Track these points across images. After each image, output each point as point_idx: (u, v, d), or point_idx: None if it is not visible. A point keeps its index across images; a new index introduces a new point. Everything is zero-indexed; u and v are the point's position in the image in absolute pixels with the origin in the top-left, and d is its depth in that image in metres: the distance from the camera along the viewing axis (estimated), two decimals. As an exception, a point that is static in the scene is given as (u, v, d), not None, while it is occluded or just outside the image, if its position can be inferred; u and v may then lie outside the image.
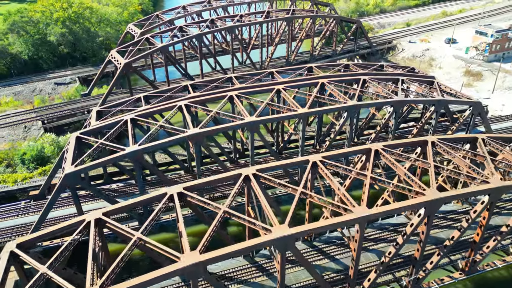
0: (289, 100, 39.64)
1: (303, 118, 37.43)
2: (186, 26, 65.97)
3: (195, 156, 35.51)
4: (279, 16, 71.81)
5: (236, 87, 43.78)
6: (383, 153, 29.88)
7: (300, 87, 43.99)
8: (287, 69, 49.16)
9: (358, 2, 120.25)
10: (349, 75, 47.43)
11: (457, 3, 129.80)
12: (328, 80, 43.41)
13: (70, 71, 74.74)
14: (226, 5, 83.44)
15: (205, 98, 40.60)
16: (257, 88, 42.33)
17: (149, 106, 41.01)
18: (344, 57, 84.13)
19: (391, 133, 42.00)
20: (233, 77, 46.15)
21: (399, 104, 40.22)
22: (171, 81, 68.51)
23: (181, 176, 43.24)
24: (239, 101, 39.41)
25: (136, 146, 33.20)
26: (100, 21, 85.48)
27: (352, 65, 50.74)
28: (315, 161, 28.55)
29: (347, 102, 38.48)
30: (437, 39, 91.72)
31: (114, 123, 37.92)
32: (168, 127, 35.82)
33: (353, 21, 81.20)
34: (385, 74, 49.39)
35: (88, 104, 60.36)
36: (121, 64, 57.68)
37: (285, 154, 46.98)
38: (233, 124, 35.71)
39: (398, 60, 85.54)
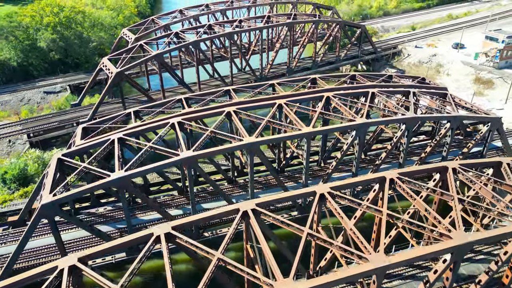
0: (292, 116, 36.25)
1: (308, 138, 33.99)
2: (182, 32, 62.56)
3: (188, 181, 32.05)
4: (280, 21, 68.44)
5: (234, 102, 40.37)
6: (399, 182, 26.47)
7: (303, 102, 40.55)
8: (289, 81, 45.74)
9: (361, 5, 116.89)
10: (356, 87, 44.01)
11: (462, 6, 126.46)
12: (333, 93, 39.99)
13: (61, 78, 71.30)
14: (225, 9, 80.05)
15: (201, 115, 37.17)
16: (257, 103, 38.88)
17: (139, 123, 37.59)
18: (347, 63, 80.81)
19: (402, 151, 38.58)
20: (231, 90, 42.73)
21: (413, 121, 36.80)
22: (167, 90, 65.16)
23: (174, 198, 39.81)
24: (237, 118, 36.01)
25: (122, 172, 29.78)
26: (93, 25, 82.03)
27: (359, 76, 47.32)
28: (323, 193, 25.15)
29: (355, 120, 35.04)
30: (444, 44, 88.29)
31: (100, 143, 34.56)
32: (159, 148, 32.40)
33: (357, 26, 77.82)
34: (395, 86, 46.02)
35: (78, 115, 56.91)
36: (112, 73, 54.30)
37: (287, 172, 43.61)
38: (231, 146, 32.30)
39: (404, 66, 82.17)
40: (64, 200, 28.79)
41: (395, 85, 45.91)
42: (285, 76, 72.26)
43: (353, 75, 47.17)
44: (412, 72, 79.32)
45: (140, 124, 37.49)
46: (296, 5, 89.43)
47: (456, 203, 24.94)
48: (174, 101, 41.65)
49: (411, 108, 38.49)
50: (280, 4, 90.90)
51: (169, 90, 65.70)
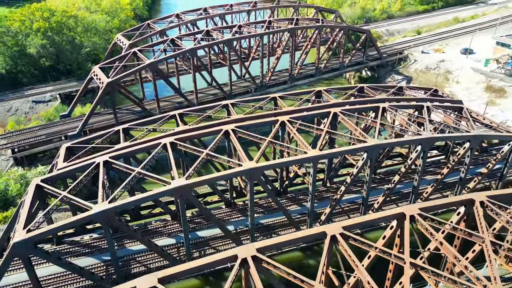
0: (296, 136, 32.86)
1: (315, 163, 30.58)
2: (178, 39, 59.14)
3: (180, 211, 28.62)
4: (281, 27, 65.02)
5: (232, 119, 36.97)
6: (421, 220, 23.12)
7: (307, 118, 37.15)
8: (292, 94, 42.32)
9: (364, 8, 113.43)
10: (365, 102, 40.62)
11: (467, 9, 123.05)
12: (341, 109, 36.60)
13: (51, 86, 67.86)
14: (224, 14, 76.61)
15: (196, 134, 33.79)
16: (257, 121, 35.46)
17: (128, 144, 34.19)
18: (352, 70, 77.46)
19: (417, 174, 35.16)
20: (229, 105, 39.30)
21: (429, 142, 33.38)
22: (162, 99, 61.85)
23: (167, 224, 36.42)
24: (235, 138, 32.61)
25: (106, 204, 26.36)
26: (86, 30, 78.58)
27: (367, 88, 43.92)
28: (334, 234, 21.78)
29: (366, 141, 31.62)
30: (452, 49, 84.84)
31: (84, 167, 31.17)
32: (148, 175, 29.00)
33: (362, 31, 74.43)
34: (406, 99, 42.65)
35: (67, 128, 53.49)
36: (103, 83, 50.92)
37: (290, 193, 40.21)
38: (229, 173, 28.86)
39: (410, 73, 78.74)
40: (39, 238, 25.37)
41: (406, 98, 42.54)
42: (286, 83, 69.00)
43: (361, 88, 43.75)
44: (419, 79, 75.95)
45: (129, 144, 34.10)
46: (298, 9, 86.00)
47: (489, 246, 21.57)
48: (167, 117, 38.24)
49: (426, 126, 35.07)
50: (282, 8, 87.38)
51: (164, 99, 62.40)
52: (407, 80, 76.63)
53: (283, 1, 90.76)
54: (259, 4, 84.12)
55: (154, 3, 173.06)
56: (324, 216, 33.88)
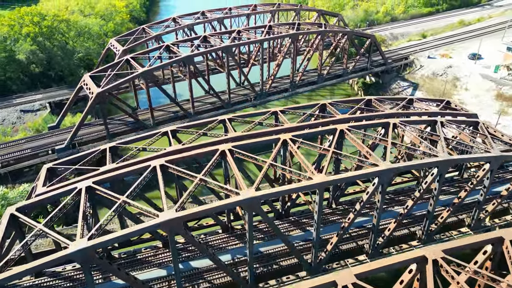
0: (299, 157, 29.76)
1: (321, 190, 27.45)
2: (174, 45, 56.00)
3: (170, 247, 25.48)
4: (282, 32, 61.90)
5: (230, 137, 33.87)
6: (444, 265, 20.03)
7: (311, 136, 34.10)
8: (294, 108, 39.16)
9: (367, 10, 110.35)
10: (373, 117, 37.54)
11: (473, 11, 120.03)
12: (348, 126, 33.47)
13: (41, 94, 64.73)
14: (222, 18, 73.45)
15: (189, 155, 30.62)
16: (257, 139, 32.32)
17: (114, 166, 31.07)
18: (356, 76, 74.37)
19: (432, 198, 32.02)
20: (226, 121, 36.18)
21: (447, 165, 30.27)
22: (157, 108, 58.73)
23: (158, 251, 33.31)
24: (233, 160, 29.50)
25: (85, 241, 23.23)
26: (79, 34, 75.47)
27: (375, 101, 40.78)
28: (347, 285, 18.68)
29: (378, 164, 28.49)
30: (459, 54, 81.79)
31: (64, 193, 28.07)
32: (134, 205, 25.85)
33: (366, 36, 71.34)
34: (418, 113, 39.53)
35: (54, 140, 50.38)
36: (93, 93, 47.84)
37: (293, 216, 37.09)
38: (225, 203, 25.70)
39: (416, 79, 75.65)
40: (8, 281, 22.26)
41: (418, 113, 39.40)
42: (287, 91, 65.91)
43: (368, 100, 40.63)
44: (426, 86, 72.84)
45: (116, 166, 30.99)
46: (299, 12, 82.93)
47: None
48: (159, 134, 35.11)
49: (442, 145, 31.89)
50: (282, 11, 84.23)
51: (159, 108, 59.31)
52: (413, 87, 73.57)
53: (284, 5, 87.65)
54: (259, 7, 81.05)
55: (152, 4, 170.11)
56: (330, 245, 30.75)
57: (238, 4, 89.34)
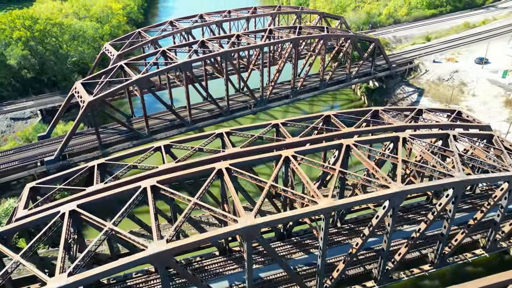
0: (303, 177, 27.35)
1: (327, 215, 25.02)
2: (170, 51, 53.58)
3: (161, 282, 23.05)
4: (283, 37, 59.47)
5: (227, 153, 31.44)
6: None
7: (315, 152, 31.75)
8: (296, 121, 36.60)
9: (370, 12, 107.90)
10: (381, 130, 35.14)
11: (477, 13, 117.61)
12: (354, 140, 31.07)
13: (33, 101, 62.31)
14: (221, 21, 71.00)
15: (183, 174, 28.19)
16: (256, 156, 29.94)
17: (102, 186, 28.64)
18: (359, 82, 71.96)
19: (447, 220, 29.60)
20: (224, 135, 33.76)
21: (463, 185, 27.83)
22: (153, 116, 56.40)
23: (149, 276, 30.87)
24: (230, 180, 27.09)
25: (64, 278, 20.82)
26: (73, 38, 73.06)
27: (382, 112, 38.34)
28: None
29: (389, 186, 26.06)
30: (465, 58, 79.38)
31: (45, 218, 25.65)
32: (121, 233, 23.43)
33: (371, 40, 68.94)
34: (428, 126, 37.10)
35: (44, 151, 47.96)
36: (84, 102, 45.46)
37: (295, 237, 34.67)
38: (221, 233, 23.24)
39: (422, 84, 73.21)
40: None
41: (428, 125, 36.96)
42: (289, 97, 63.48)
43: (375, 112, 38.13)
44: (432, 92, 70.42)
45: (103, 187, 28.54)
46: (300, 15, 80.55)
47: None
48: (152, 149, 32.66)
49: (456, 162, 29.44)
50: (283, 14, 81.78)
51: (155, 116, 56.82)
52: (419, 92, 71.15)
53: (284, 7, 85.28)
54: (259, 10, 78.60)
55: (150, 6, 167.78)
56: (336, 272, 28.33)
57: (238, 6, 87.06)
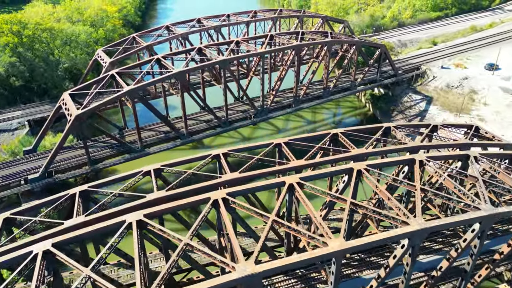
0: (310, 210, 24.11)
1: (338, 258, 21.76)
2: (165, 59, 50.38)
3: None
4: (285, 44, 56.23)
5: (224, 179, 28.13)
6: None
7: (322, 178, 28.54)
8: (301, 139, 33.31)
9: (373, 15, 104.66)
10: (395, 151, 31.89)
11: (484, 16, 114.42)
12: (366, 165, 27.80)
13: (21, 111, 59.12)
14: (220, 26, 67.77)
15: (173, 207, 24.92)
16: (257, 184, 26.64)
17: (82, 220, 25.38)
18: (364, 89, 68.76)
19: (471, 257, 26.34)
20: (221, 157, 30.46)
21: (492, 220, 24.56)
22: (147, 127, 53.25)
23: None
24: (227, 214, 23.87)
25: None
26: (65, 43, 69.83)
27: (394, 129, 35.06)
28: None
29: (409, 223, 22.79)
30: (474, 64, 76.19)
31: (17, 259, 22.40)
32: (100, 282, 20.17)
33: (376, 46, 65.71)
34: (445, 145, 33.87)
35: (29, 168, 44.77)
36: (71, 115, 42.24)
37: (299, 270, 31.37)
38: (215, 284, 19.97)
39: (430, 92, 69.97)
40: None
41: (446, 144, 33.71)
42: (291, 106, 60.26)
43: (387, 129, 34.85)
44: (441, 100, 67.17)
45: (83, 221, 25.29)
46: (302, 19, 77.34)
47: None
48: (141, 174, 29.38)
49: (481, 191, 26.18)
50: (284, 19, 78.49)
51: (149, 127, 53.63)
52: (427, 100, 67.91)
53: (285, 11, 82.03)
54: (259, 14, 75.40)
55: (149, 8, 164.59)
56: (347, 317, 25.09)
57: (238, 6, 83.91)
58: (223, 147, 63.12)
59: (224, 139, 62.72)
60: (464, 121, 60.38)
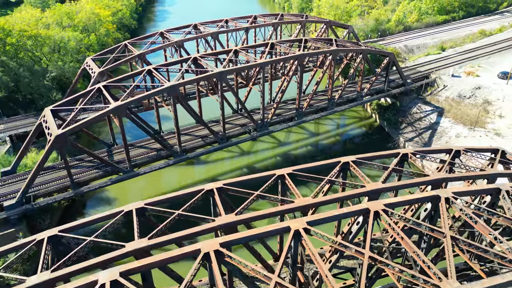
0: (319, 265, 20.09)
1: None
2: (157, 70, 46.35)
3: None
4: (287, 53, 52.12)
5: (218, 224, 23.96)
6: None
7: (333, 221, 24.44)
8: (306, 170, 29.07)
9: (378, 19, 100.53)
10: (417, 184, 27.83)
11: (492, 19, 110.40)
12: (384, 204, 23.72)
13: (3, 124, 55.04)
14: (217, 33, 63.61)
15: (155, 262, 20.80)
16: (255, 232, 22.51)
17: (47, 278, 21.21)
18: (371, 100, 64.63)
19: (510, 318, 22.21)
20: (215, 192, 26.22)
21: (540, 280, 20.45)
22: (138, 144, 49.15)
23: None
24: (218, 270, 19.81)
25: None
26: (53, 50, 65.75)
27: (412, 156, 30.91)
28: None
29: (441, 286, 18.69)
30: (486, 72, 72.07)
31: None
32: None
33: (385, 54, 61.57)
34: (472, 176, 29.73)
35: (6, 192, 40.55)
36: (51, 135, 38.18)
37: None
38: None
39: (440, 102, 65.82)
40: None
41: (473, 175, 29.58)
42: (293, 120, 56.16)
43: (404, 156, 30.71)
44: (453, 111, 62.97)
45: (49, 278, 21.14)
46: (305, 24, 73.24)
47: None
48: (122, 214, 25.19)
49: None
50: (286, 24, 74.36)
51: (139, 143, 49.49)
52: (438, 112, 63.77)
53: (287, 15, 77.87)
54: (259, 19, 71.24)
55: (146, 10, 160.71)
56: None
57: (238, 7, 79.74)
58: (221, 162, 59.45)
59: (222, 153, 58.76)
60: (479, 136, 56.36)
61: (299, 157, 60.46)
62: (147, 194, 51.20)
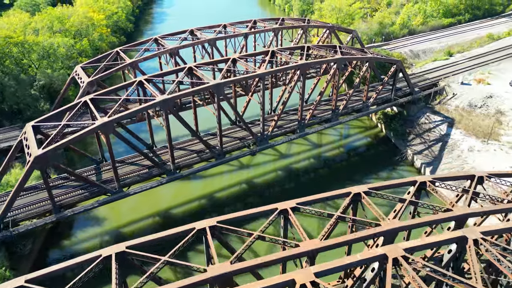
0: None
1: None
2: (148, 81, 42.96)
3: None
4: (288, 62, 48.67)
5: (211, 276, 20.47)
6: None
7: (345, 269, 21.07)
8: (314, 201, 25.71)
9: (382, 22, 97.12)
10: (439, 221, 24.41)
11: (499, 23, 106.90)
12: (404, 249, 20.41)
13: (-14, 138, 51.63)
14: (214, 39, 60.11)
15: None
16: (257, 286, 19.11)
17: None
18: (377, 110, 61.26)
19: None
20: (207, 232, 22.74)
21: None
22: (127, 160, 45.76)
23: None
24: None
25: None
26: (42, 57, 62.34)
27: (430, 185, 27.48)
28: None
29: None
30: (498, 79, 68.69)
31: None
32: None
33: (392, 62, 58.11)
34: (500, 209, 26.32)
35: (-18, 216, 37.17)
36: (31, 155, 34.78)
37: None
38: None
39: (450, 112, 62.36)
40: None
41: (501, 209, 26.18)
42: (295, 132, 52.79)
43: (422, 185, 27.31)
44: (464, 122, 59.47)
45: None
46: (307, 30, 69.83)
47: None
48: (101, 258, 21.72)
49: None
50: (287, 29, 70.86)
51: (129, 160, 46.08)
52: (448, 122, 60.33)
53: (288, 20, 74.43)
54: (259, 24, 67.77)
55: (143, 12, 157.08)
56: None
57: (238, 9, 76.28)
58: (219, 176, 55.66)
59: (220, 167, 54.58)
60: (493, 149, 52.96)
61: (301, 171, 57.14)
62: (140, 212, 47.91)
